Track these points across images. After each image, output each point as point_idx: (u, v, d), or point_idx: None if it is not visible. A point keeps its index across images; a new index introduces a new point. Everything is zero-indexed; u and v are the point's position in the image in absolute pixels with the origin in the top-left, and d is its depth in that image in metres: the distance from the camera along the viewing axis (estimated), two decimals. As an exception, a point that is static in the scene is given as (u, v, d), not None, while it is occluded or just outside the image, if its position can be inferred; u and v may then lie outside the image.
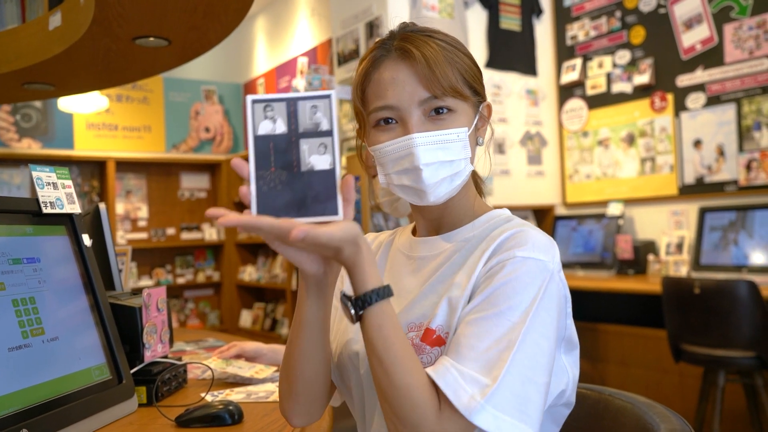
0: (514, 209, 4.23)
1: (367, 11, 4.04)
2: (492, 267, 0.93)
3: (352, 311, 0.84)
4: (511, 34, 4.52)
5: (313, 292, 0.90)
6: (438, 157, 0.95)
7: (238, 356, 1.77)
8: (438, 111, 0.97)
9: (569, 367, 1.00)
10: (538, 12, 4.70)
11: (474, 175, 1.11)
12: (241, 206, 5.38)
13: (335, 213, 0.81)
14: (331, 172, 0.82)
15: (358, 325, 0.89)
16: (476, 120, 1.02)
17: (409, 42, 0.99)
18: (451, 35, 1.04)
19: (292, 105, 0.82)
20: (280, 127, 0.82)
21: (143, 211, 6.23)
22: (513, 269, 0.90)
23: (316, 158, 0.82)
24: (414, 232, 1.13)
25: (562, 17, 4.76)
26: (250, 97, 0.82)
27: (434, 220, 1.07)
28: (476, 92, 1.02)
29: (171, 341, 1.59)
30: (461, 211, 1.06)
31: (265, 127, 0.82)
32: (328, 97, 0.82)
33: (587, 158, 4.59)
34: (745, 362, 2.86)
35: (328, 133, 0.82)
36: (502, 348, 0.85)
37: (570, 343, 1.00)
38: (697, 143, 3.94)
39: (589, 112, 4.57)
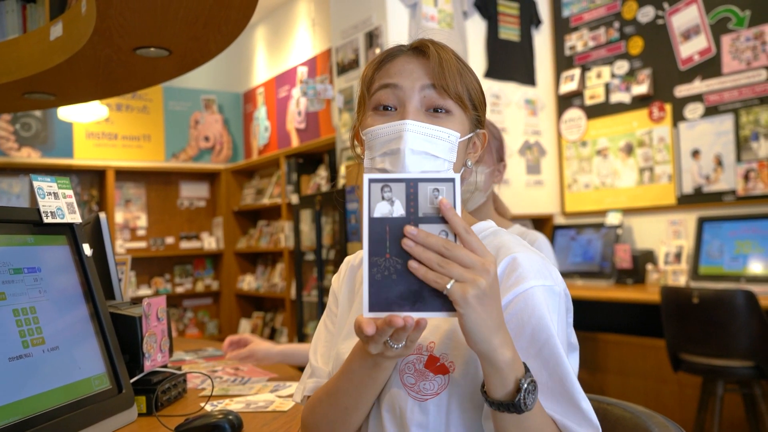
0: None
1: (367, 21, 4.06)
2: (506, 305, 0.92)
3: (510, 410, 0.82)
4: (510, 45, 4.54)
5: (388, 366, 0.90)
6: (425, 148, 0.96)
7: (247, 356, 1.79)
8: (437, 110, 0.98)
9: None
10: (537, 22, 4.73)
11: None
12: (240, 214, 5.38)
13: (454, 310, 0.76)
14: None
15: (353, 342, 0.93)
16: (470, 136, 1.03)
17: (427, 42, 1.02)
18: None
19: (412, 186, 0.76)
20: (398, 210, 0.76)
21: (142, 220, 6.23)
22: (533, 303, 0.91)
23: None
24: None
25: (561, 28, 4.78)
26: (367, 176, 0.77)
27: None
28: (476, 111, 1.03)
29: (171, 351, 1.59)
30: None
31: (381, 209, 0.76)
32: (452, 181, 0.77)
33: (586, 168, 4.60)
34: (743, 372, 2.86)
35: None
36: (563, 375, 0.89)
37: (571, 346, 1.01)
38: (696, 153, 3.95)
39: (587, 122, 4.58)
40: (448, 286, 0.74)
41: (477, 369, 0.91)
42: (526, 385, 0.80)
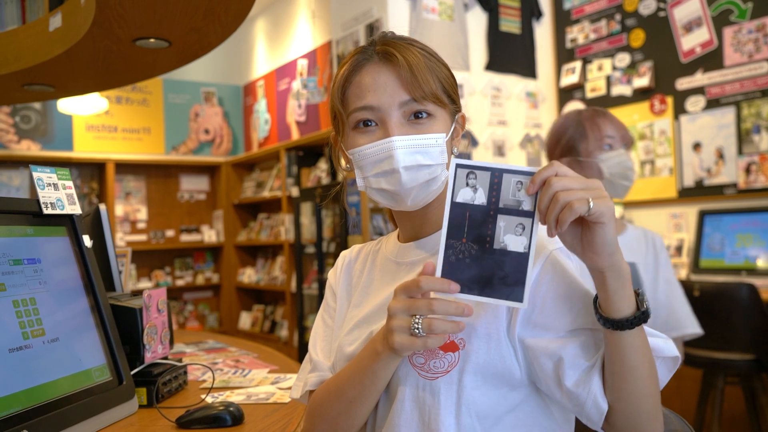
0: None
1: (368, 13, 4.04)
2: (537, 273, 0.93)
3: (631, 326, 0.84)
4: (510, 37, 4.52)
5: (397, 363, 0.92)
6: (417, 160, 0.96)
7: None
8: (418, 115, 0.98)
9: None
10: (538, 15, 4.71)
11: None
12: (240, 207, 5.40)
13: (520, 300, 0.79)
14: (524, 256, 0.79)
15: (361, 337, 0.96)
16: (453, 128, 1.03)
17: (391, 47, 1.00)
18: (428, 46, 1.06)
19: (496, 176, 0.80)
20: (480, 198, 0.80)
21: (142, 213, 6.23)
22: (560, 264, 0.94)
23: (511, 238, 0.79)
24: (399, 239, 1.13)
25: (562, 20, 4.76)
26: (455, 160, 0.80)
27: (417, 226, 1.07)
28: (453, 101, 1.04)
29: (171, 343, 1.59)
30: (442, 214, 1.06)
31: (464, 195, 0.80)
32: None
33: (587, 161, 4.59)
34: (744, 365, 2.86)
35: (529, 214, 0.79)
36: None
37: None
38: (697, 146, 3.94)
39: (588, 115, 4.56)
40: (591, 204, 0.76)
41: (489, 345, 0.92)
42: (641, 290, 0.84)
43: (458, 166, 0.80)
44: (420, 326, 0.81)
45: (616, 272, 0.81)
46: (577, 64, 4.61)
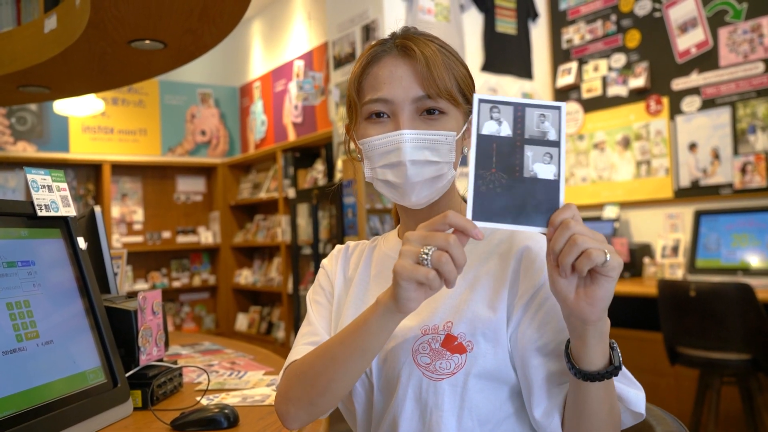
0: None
1: (363, 15, 4.04)
2: (537, 290, 0.94)
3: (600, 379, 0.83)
4: (506, 38, 4.52)
5: (393, 325, 0.85)
6: (425, 156, 0.95)
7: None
8: (430, 111, 0.97)
9: None
10: (534, 15, 4.71)
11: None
12: (237, 208, 5.38)
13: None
14: (555, 183, 0.79)
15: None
16: (465, 128, 1.03)
17: (410, 41, 1.00)
18: (448, 44, 1.05)
19: (519, 110, 0.80)
20: (505, 130, 0.80)
21: (139, 215, 6.22)
22: None
23: (540, 166, 0.79)
24: (400, 236, 1.12)
25: (558, 21, 4.77)
26: (477, 96, 0.80)
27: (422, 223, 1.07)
28: (468, 101, 1.03)
29: (166, 345, 1.59)
30: None
31: (489, 128, 0.79)
32: (558, 108, 0.80)
33: (583, 161, 4.59)
34: (740, 365, 2.86)
35: (555, 144, 0.79)
36: None
37: None
38: (693, 146, 3.95)
39: (584, 116, 4.57)
40: (608, 257, 0.74)
41: (496, 349, 0.92)
42: (615, 344, 0.84)
43: (481, 101, 0.79)
44: (430, 256, 0.76)
45: (599, 327, 0.80)
46: (573, 65, 4.62)
